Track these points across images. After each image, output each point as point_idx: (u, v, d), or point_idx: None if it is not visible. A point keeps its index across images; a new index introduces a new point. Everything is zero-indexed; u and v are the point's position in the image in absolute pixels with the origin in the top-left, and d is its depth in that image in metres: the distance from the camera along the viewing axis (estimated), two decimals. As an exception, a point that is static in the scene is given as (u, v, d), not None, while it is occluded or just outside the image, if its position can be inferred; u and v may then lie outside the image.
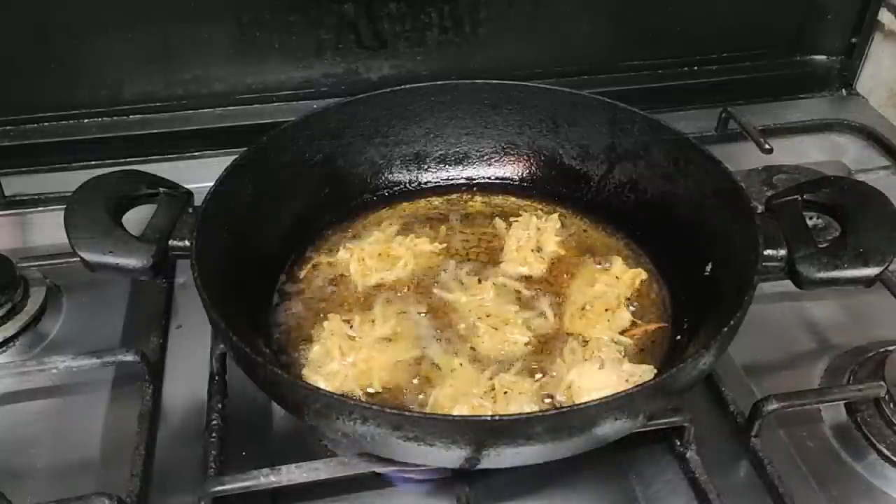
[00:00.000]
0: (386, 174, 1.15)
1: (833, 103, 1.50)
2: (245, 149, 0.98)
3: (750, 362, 0.99)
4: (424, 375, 0.89)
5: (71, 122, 1.30)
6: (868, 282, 0.83)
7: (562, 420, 0.70)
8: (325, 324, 0.92)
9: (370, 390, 0.87)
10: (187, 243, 0.87)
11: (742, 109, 1.37)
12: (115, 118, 1.31)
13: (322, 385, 0.86)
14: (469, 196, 1.17)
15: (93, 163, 1.27)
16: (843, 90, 1.52)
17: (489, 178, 1.18)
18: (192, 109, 1.32)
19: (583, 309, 0.96)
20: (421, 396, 0.87)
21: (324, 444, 0.89)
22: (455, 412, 0.81)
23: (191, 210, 0.91)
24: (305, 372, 0.89)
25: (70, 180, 1.00)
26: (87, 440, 0.90)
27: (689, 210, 1.01)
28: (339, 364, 0.88)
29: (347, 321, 0.93)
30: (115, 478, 0.85)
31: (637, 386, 0.77)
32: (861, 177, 1.30)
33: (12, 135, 1.29)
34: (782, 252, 0.86)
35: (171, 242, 0.87)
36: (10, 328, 1.02)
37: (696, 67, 1.45)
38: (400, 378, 0.89)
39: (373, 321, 0.94)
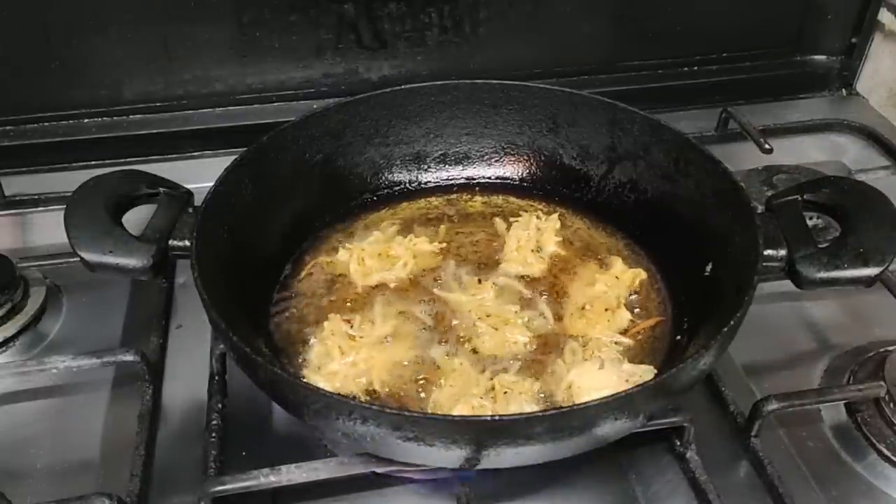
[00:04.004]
0: (386, 174, 1.15)
1: (833, 103, 1.50)
2: (245, 149, 0.98)
3: (750, 362, 0.99)
4: (424, 375, 0.89)
5: (71, 122, 1.30)
6: (868, 282, 0.83)
7: (562, 420, 0.70)
8: (326, 324, 0.92)
9: (370, 390, 0.87)
10: (187, 243, 0.87)
11: (742, 109, 1.37)
12: (115, 118, 1.31)
13: (322, 385, 0.86)
14: (469, 196, 1.16)
15: (93, 163, 1.27)
16: (843, 90, 1.52)
17: (489, 177, 1.18)
18: (192, 109, 1.32)
19: (583, 309, 0.96)
20: (421, 396, 0.87)
21: (324, 444, 0.89)
22: (455, 412, 0.81)
23: (191, 210, 0.91)
24: (306, 372, 0.89)
25: (70, 180, 1.00)
26: (87, 440, 0.90)
27: (689, 210, 1.01)
28: (340, 364, 0.88)
29: (348, 321, 0.93)
30: (115, 478, 0.85)
31: (637, 386, 0.77)
32: (861, 177, 1.30)
33: (12, 135, 1.29)
34: (782, 252, 0.86)
35: (171, 242, 0.87)
36: (10, 328, 1.02)
37: (696, 67, 1.45)
38: (400, 378, 0.89)
39: (373, 321, 0.94)
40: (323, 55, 1.30)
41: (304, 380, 0.87)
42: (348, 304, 0.99)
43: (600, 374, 0.86)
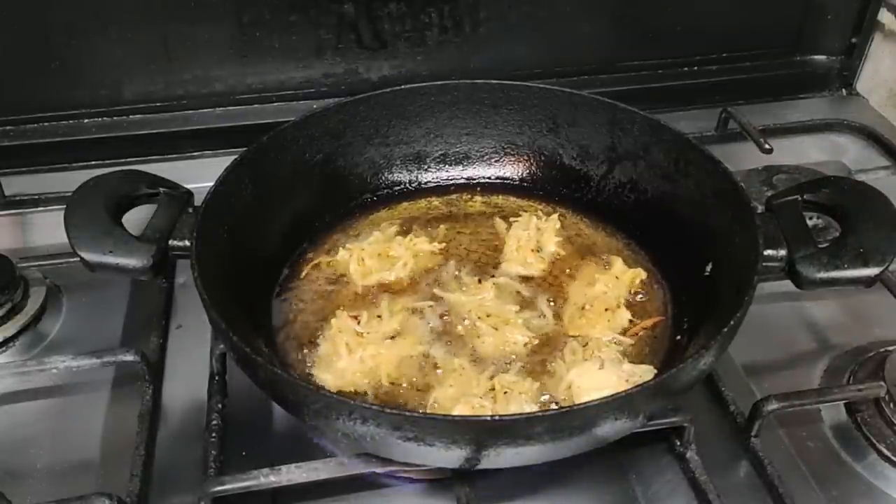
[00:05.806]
0: (386, 174, 1.15)
1: (833, 103, 1.50)
2: (245, 149, 0.98)
3: (750, 362, 0.99)
4: (424, 376, 0.89)
5: (71, 122, 1.30)
6: (868, 282, 0.83)
7: (562, 420, 0.70)
8: (333, 321, 0.92)
9: (377, 384, 0.87)
10: (187, 243, 0.87)
11: (742, 109, 1.37)
12: (115, 118, 1.31)
13: (331, 382, 0.87)
14: (469, 196, 1.16)
15: (93, 163, 1.27)
16: (843, 90, 1.52)
17: (489, 177, 1.18)
18: (192, 109, 1.32)
19: (583, 309, 0.96)
20: (423, 395, 0.87)
21: (324, 444, 0.89)
22: (455, 412, 0.81)
23: (191, 210, 0.91)
24: (315, 371, 0.89)
25: (70, 180, 1.00)
26: (87, 440, 0.90)
27: (689, 210, 1.01)
28: (347, 361, 0.88)
29: (355, 317, 0.93)
30: (115, 478, 0.85)
31: (637, 386, 0.77)
32: (861, 177, 1.30)
33: (12, 135, 1.29)
34: (782, 252, 0.86)
35: (171, 242, 0.87)
36: (10, 328, 1.02)
37: (696, 67, 1.45)
38: (404, 375, 0.89)
39: (380, 317, 0.94)
40: (323, 55, 1.30)
41: (315, 377, 0.87)
42: (348, 304, 0.98)
43: (600, 374, 0.85)
